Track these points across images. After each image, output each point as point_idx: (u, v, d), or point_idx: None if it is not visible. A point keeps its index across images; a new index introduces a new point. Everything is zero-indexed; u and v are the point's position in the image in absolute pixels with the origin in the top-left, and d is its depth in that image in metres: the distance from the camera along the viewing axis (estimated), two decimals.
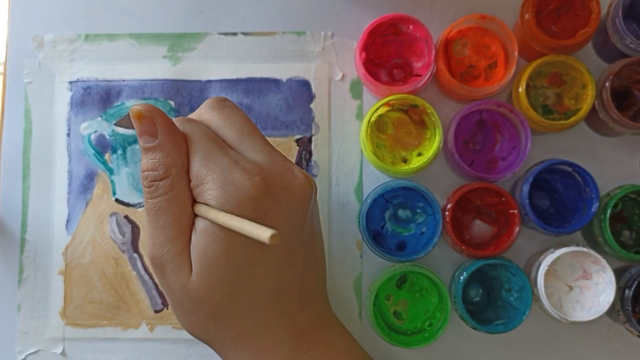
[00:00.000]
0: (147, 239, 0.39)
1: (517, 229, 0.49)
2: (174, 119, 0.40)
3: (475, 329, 0.49)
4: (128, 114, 0.53)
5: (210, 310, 0.39)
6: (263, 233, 0.35)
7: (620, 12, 0.49)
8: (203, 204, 0.38)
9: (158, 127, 0.39)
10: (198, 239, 0.38)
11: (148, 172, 0.39)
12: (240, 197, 0.37)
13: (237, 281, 0.38)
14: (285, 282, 0.40)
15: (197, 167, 0.38)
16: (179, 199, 0.38)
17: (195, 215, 0.39)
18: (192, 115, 0.42)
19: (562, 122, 0.50)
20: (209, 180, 0.38)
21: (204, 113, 0.42)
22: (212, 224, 0.38)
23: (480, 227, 0.52)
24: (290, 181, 0.39)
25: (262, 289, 0.39)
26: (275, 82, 0.55)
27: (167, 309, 0.54)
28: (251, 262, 0.38)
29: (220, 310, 0.39)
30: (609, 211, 0.49)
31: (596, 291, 0.49)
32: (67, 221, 0.55)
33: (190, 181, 0.39)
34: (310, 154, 0.54)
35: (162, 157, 0.38)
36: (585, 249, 0.49)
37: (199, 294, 0.38)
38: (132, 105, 0.54)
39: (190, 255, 0.38)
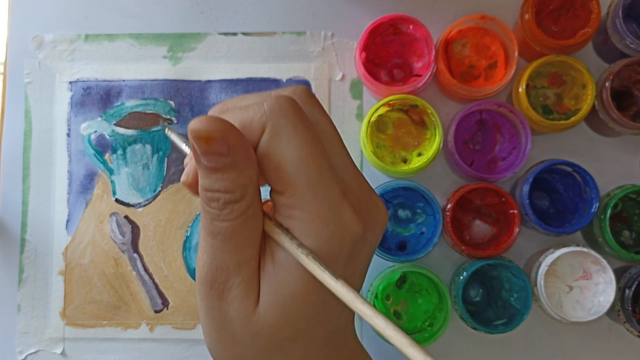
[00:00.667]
0: (207, 261, 0.33)
1: (517, 229, 0.49)
2: (273, 92, 0.32)
3: (475, 329, 0.49)
4: (128, 114, 0.53)
5: (266, 347, 0.35)
6: (362, 308, 0.30)
7: (620, 12, 0.49)
8: (294, 238, 0.32)
9: (230, 146, 0.31)
10: (275, 270, 0.33)
11: (220, 194, 0.32)
12: (344, 240, 0.32)
13: (307, 325, 0.34)
14: (341, 325, 0.37)
15: (302, 188, 0.31)
16: (254, 220, 0.32)
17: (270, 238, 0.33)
18: (280, 92, 0.33)
19: (562, 122, 0.50)
20: (314, 211, 0.31)
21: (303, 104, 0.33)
22: (293, 257, 0.32)
23: (480, 227, 0.52)
24: (376, 217, 0.34)
25: (324, 332, 0.36)
26: (275, 82, 0.55)
27: (167, 309, 0.54)
28: (325, 306, 0.34)
29: (277, 349, 0.35)
30: (609, 211, 0.49)
31: (596, 291, 0.49)
32: (67, 221, 0.55)
33: (284, 203, 0.32)
34: None
35: (236, 177, 0.31)
36: (585, 249, 0.49)
37: (262, 328, 0.34)
38: (134, 106, 0.53)
39: (258, 283, 0.33)
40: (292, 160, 0.31)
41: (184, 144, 0.38)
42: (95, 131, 0.55)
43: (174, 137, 0.38)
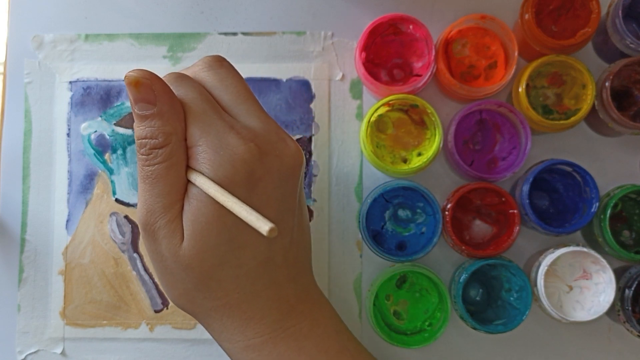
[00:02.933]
0: (140, 206, 0.39)
1: (517, 229, 0.49)
2: (166, 76, 0.39)
3: (475, 329, 0.49)
4: (128, 114, 0.53)
5: (199, 278, 0.39)
6: (262, 225, 0.35)
7: (620, 12, 0.49)
8: (199, 172, 0.38)
9: (157, 95, 0.37)
10: (190, 204, 0.38)
11: (146, 140, 0.38)
12: (234, 162, 0.37)
13: (228, 249, 0.38)
14: (274, 252, 0.40)
15: (192, 129, 0.38)
16: (177, 167, 0.38)
17: (189, 181, 0.38)
18: (186, 71, 0.41)
19: (562, 122, 0.50)
20: (203, 143, 0.37)
21: (200, 72, 0.40)
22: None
23: (480, 227, 0.52)
24: (282, 149, 0.39)
25: (252, 258, 0.39)
26: (275, 82, 0.55)
27: (167, 309, 0.54)
28: (242, 230, 0.38)
29: (209, 279, 0.39)
30: (609, 211, 0.49)
31: (596, 291, 0.49)
32: (67, 221, 0.55)
33: (187, 147, 0.38)
34: (310, 154, 0.54)
35: (161, 124, 0.37)
36: (585, 249, 0.49)
37: (190, 260, 0.38)
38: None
39: (182, 222, 0.38)
40: (187, 109, 0.38)
41: None
42: (95, 131, 0.55)
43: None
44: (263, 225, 0.35)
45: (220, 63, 0.41)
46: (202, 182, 0.37)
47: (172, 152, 0.38)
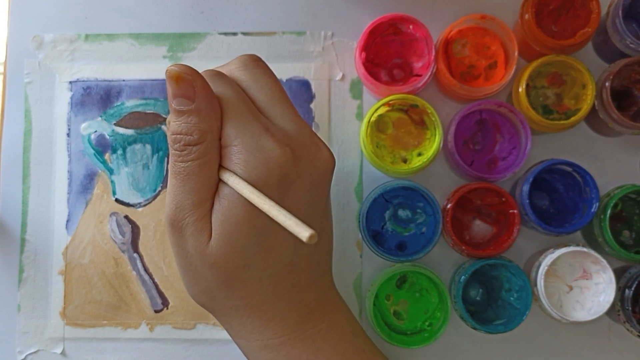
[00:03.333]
0: (169, 201, 0.38)
1: (517, 229, 0.49)
2: (204, 72, 0.39)
3: (475, 329, 0.49)
4: (128, 114, 0.53)
5: (223, 277, 0.39)
6: (302, 231, 0.34)
7: (620, 12, 0.49)
8: (232, 172, 0.37)
9: (196, 91, 0.37)
10: (221, 204, 0.38)
11: (181, 136, 0.37)
12: (269, 165, 0.37)
13: (255, 252, 0.38)
14: (299, 256, 0.40)
15: (228, 128, 0.37)
16: (210, 165, 0.38)
17: (219, 180, 0.38)
18: (221, 69, 0.41)
19: (562, 122, 0.50)
20: (238, 143, 0.37)
21: (236, 70, 0.40)
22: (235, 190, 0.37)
23: (480, 227, 0.52)
24: (315, 154, 0.39)
25: (277, 261, 0.39)
26: None
27: (167, 309, 0.54)
28: (270, 233, 0.38)
29: (234, 279, 0.39)
30: (609, 211, 0.49)
31: (596, 291, 0.49)
32: (67, 221, 0.55)
33: (220, 146, 0.38)
34: None
35: (198, 121, 0.37)
36: (585, 249, 0.49)
37: (216, 260, 0.38)
38: (134, 106, 0.54)
39: (211, 220, 0.38)
40: (223, 108, 0.38)
41: None
42: (95, 131, 0.55)
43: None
44: (303, 232, 0.34)
45: (256, 63, 0.40)
46: (235, 183, 0.37)
47: (207, 150, 0.37)
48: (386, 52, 0.53)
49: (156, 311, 0.54)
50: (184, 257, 0.40)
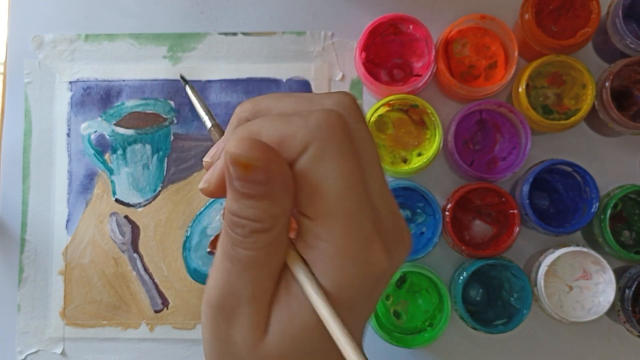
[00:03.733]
0: (219, 283, 0.31)
1: (517, 229, 0.49)
2: (318, 119, 0.28)
3: (475, 329, 0.49)
4: (128, 114, 0.52)
5: None
6: None
7: (620, 12, 0.49)
8: (312, 275, 0.29)
9: (271, 176, 0.28)
10: (289, 301, 0.31)
11: (248, 222, 0.29)
12: (365, 280, 0.29)
13: (311, 358, 0.33)
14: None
15: (331, 222, 0.28)
16: (278, 253, 0.30)
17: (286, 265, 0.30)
18: (325, 102, 0.30)
19: (562, 122, 0.50)
20: (341, 246, 0.28)
21: (337, 117, 0.28)
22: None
23: (480, 227, 0.52)
24: (402, 251, 0.31)
25: None
26: (275, 82, 0.55)
27: (167, 309, 0.54)
28: (327, 344, 0.32)
29: None
30: (609, 211, 0.49)
31: (596, 291, 0.49)
32: (67, 221, 0.55)
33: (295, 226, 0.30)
34: None
35: (269, 206, 0.28)
36: (585, 249, 0.49)
37: (267, 358, 0.32)
38: (134, 106, 0.52)
39: (271, 314, 0.31)
40: (333, 189, 0.28)
41: (204, 113, 0.35)
42: (95, 131, 0.55)
43: (195, 101, 0.36)
44: None
45: (359, 111, 0.30)
46: (314, 299, 0.30)
47: (277, 236, 0.29)
48: (386, 52, 0.53)
49: (156, 311, 0.54)
50: (225, 344, 0.34)
